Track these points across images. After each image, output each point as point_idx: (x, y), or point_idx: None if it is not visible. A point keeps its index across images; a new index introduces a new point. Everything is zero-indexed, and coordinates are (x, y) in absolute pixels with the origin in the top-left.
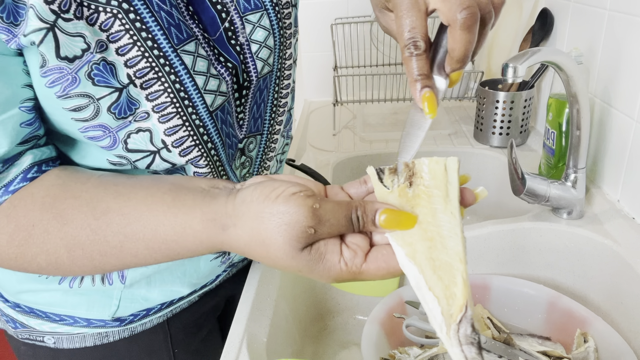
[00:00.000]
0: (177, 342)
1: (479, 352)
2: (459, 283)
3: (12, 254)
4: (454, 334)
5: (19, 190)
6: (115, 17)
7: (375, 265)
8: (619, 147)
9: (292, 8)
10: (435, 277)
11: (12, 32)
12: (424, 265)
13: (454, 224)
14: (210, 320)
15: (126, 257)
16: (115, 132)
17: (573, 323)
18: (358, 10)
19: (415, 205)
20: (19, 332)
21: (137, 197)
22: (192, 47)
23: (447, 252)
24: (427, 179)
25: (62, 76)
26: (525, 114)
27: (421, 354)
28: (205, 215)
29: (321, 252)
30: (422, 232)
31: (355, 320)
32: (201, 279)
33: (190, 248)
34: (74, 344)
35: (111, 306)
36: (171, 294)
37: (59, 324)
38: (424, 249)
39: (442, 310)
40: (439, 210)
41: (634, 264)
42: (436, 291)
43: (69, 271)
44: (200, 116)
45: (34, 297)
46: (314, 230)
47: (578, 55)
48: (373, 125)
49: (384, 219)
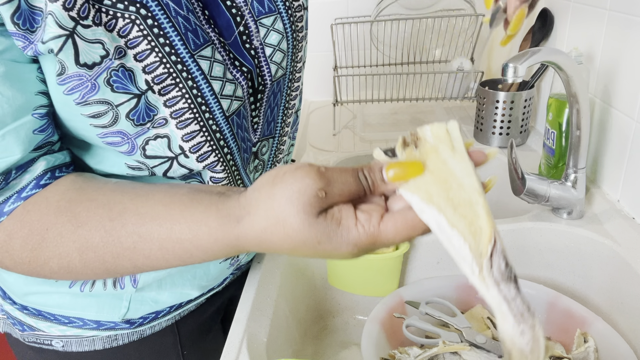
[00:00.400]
0: (186, 344)
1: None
2: (482, 215)
3: (26, 258)
4: (487, 272)
5: (32, 196)
6: (134, 23)
7: (392, 223)
8: (619, 147)
9: (303, 11)
10: (457, 215)
11: (29, 38)
12: (442, 205)
13: (466, 165)
14: (216, 321)
15: (139, 258)
16: (134, 139)
17: (573, 323)
18: (358, 10)
19: (424, 161)
20: (26, 336)
21: (155, 198)
22: (208, 52)
23: (464, 189)
24: (432, 141)
25: (81, 83)
26: (525, 114)
27: (421, 354)
28: (221, 212)
29: (336, 217)
30: (435, 178)
31: (355, 320)
32: (210, 281)
33: (204, 247)
34: (83, 347)
35: (121, 308)
36: (180, 297)
37: (67, 327)
38: (440, 191)
39: (470, 247)
40: (449, 158)
41: (634, 264)
42: (460, 227)
43: (81, 275)
44: (217, 121)
45: (42, 299)
46: (324, 193)
47: (578, 55)
48: (373, 125)
49: (392, 172)
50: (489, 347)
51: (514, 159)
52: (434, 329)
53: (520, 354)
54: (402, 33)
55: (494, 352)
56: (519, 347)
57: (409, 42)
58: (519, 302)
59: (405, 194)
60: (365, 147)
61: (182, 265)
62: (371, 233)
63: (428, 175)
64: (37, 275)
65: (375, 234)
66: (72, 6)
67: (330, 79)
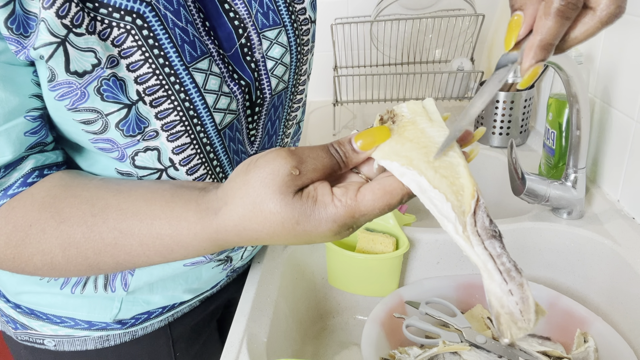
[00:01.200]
0: (179, 346)
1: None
2: (463, 173)
3: (10, 255)
4: (471, 229)
5: (18, 194)
6: (129, 32)
7: (370, 192)
8: (619, 147)
9: (311, 24)
10: (438, 176)
11: (22, 43)
12: (423, 167)
13: (444, 133)
14: (211, 324)
15: (120, 254)
16: (123, 149)
17: (573, 323)
18: (358, 10)
19: (403, 131)
20: (19, 334)
21: (137, 194)
22: (205, 64)
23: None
24: (409, 116)
25: (71, 90)
26: (525, 114)
27: (421, 354)
28: (200, 206)
29: (312, 195)
30: (414, 145)
31: (355, 320)
32: (202, 285)
33: (184, 243)
34: (75, 347)
35: (112, 309)
36: (172, 299)
37: (59, 326)
38: (420, 155)
39: (453, 205)
40: (427, 127)
41: (634, 264)
42: (442, 188)
43: (64, 271)
44: (208, 134)
45: (35, 298)
46: (298, 171)
47: (578, 55)
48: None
49: (361, 141)
50: (489, 347)
51: (514, 159)
52: (434, 329)
53: (509, 317)
54: (402, 33)
55: (494, 352)
56: (508, 309)
57: (409, 42)
58: (504, 259)
59: (384, 162)
60: None
61: (164, 262)
62: (349, 205)
63: (407, 143)
64: (22, 272)
65: (353, 206)
66: (66, 14)
67: (330, 79)
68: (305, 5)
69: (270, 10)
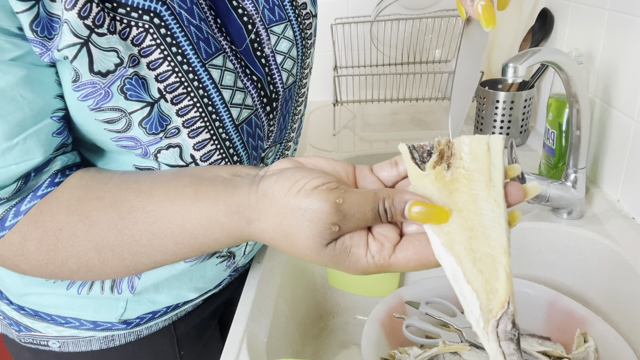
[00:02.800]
0: (183, 344)
1: (518, 348)
2: (502, 277)
3: (43, 260)
4: (492, 330)
5: (46, 195)
6: (147, 31)
7: (404, 256)
8: (619, 147)
9: (312, 18)
10: (475, 270)
11: (46, 45)
12: (462, 256)
13: (498, 213)
14: (213, 323)
15: (156, 254)
16: (146, 146)
17: (573, 323)
18: (358, 10)
19: (454, 190)
20: (22, 336)
21: (159, 193)
22: (219, 60)
23: (489, 243)
24: (468, 161)
25: (95, 90)
26: (525, 114)
27: (421, 354)
28: (229, 207)
29: (346, 245)
30: (461, 221)
31: (355, 320)
32: (207, 283)
33: (218, 239)
34: (80, 347)
35: (118, 308)
36: (177, 298)
37: (64, 327)
38: (464, 239)
39: (481, 304)
40: (481, 197)
41: (634, 264)
42: (475, 285)
43: (101, 273)
44: (226, 129)
45: (39, 299)
46: (337, 227)
47: (578, 55)
48: (373, 125)
49: (414, 211)
50: None
51: (514, 159)
52: (434, 329)
53: None
54: (402, 33)
55: None
56: None
57: (409, 42)
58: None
59: (427, 230)
60: (365, 147)
61: (200, 255)
62: (380, 265)
63: (455, 215)
64: (56, 277)
65: (385, 265)
66: (88, 14)
67: (330, 79)
68: (305, 0)
69: (276, 6)
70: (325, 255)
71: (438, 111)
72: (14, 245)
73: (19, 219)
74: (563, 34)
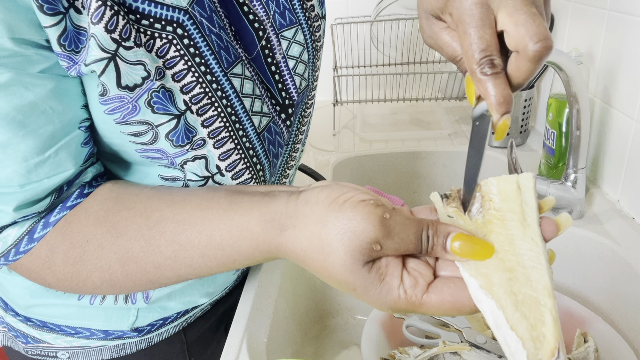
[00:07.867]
0: (193, 350)
1: None
2: (548, 322)
3: (68, 274)
4: None
5: (75, 206)
6: (171, 42)
7: (438, 298)
8: (619, 147)
9: (321, 20)
10: (519, 315)
11: (73, 59)
12: (503, 299)
13: (537, 252)
14: (221, 327)
15: (181, 267)
16: (173, 158)
17: (573, 323)
18: (358, 10)
19: (488, 232)
20: (29, 348)
21: (192, 203)
22: (239, 69)
23: (531, 284)
24: (498, 202)
25: (122, 104)
26: (525, 114)
27: (421, 354)
28: (264, 215)
29: (382, 272)
30: (499, 262)
31: (355, 320)
32: (217, 288)
33: (246, 253)
34: (90, 357)
35: (130, 317)
36: (188, 304)
37: (74, 337)
38: (503, 281)
39: (528, 354)
40: (517, 237)
41: (634, 264)
42: (520, 331)
43: (123, 287)
44: (250, 138)
45: (48, 310)
46: (379, 247)
47: (578, 55)
48: (373, 125)
49: (457, 245)
50: (489, 347)
51: (514, 159)
52: (434, 329)
53: None
54: (402, 33)
55: (494, 352)
56: None
57: (409, 42)
58: None
59: (463, 272)
60: (365, 147)
61: (225, 271)
62: (412, 301)
63: (492, 257)
64: (79, 292)
65: (416, 303)
66: (114, 28)
67: (330, 79)
68: (313, 2)
69: (287, 10)
70: (358, 276)
71: (438, 111)
72: (41, 259)
73: (48, 230)
74: (563, 34)
